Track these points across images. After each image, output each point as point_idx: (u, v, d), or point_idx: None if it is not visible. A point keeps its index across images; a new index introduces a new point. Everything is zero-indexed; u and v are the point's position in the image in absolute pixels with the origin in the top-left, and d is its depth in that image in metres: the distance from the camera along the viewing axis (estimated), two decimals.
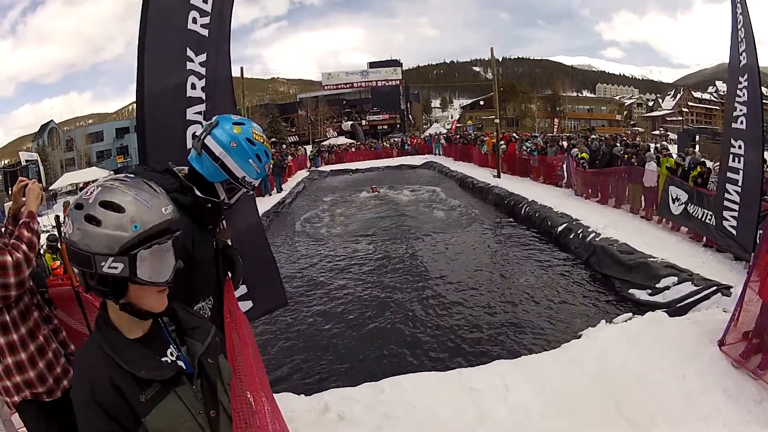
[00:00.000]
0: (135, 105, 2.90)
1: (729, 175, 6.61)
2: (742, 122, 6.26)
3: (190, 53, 3.00)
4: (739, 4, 6.09)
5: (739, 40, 6.10)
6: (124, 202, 1.19)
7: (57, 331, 2.47)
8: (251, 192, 2.20)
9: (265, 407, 2.03)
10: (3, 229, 2.40)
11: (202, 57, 3.08)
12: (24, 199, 2.41)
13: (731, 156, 6.48)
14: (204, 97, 3.08)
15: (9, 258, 2.12)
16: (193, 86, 3.01)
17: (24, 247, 2.20)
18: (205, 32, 3.10)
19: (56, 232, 6.63)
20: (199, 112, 3.02)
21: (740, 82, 6.19)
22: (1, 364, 2.20)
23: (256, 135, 2.00)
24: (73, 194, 33.91)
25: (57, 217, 3.07)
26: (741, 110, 6.24)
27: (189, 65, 3.00)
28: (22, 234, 2.26)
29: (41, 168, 31.39)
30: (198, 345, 1.40)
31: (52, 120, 61.92)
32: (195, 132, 2.79)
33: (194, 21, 3.03)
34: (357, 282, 9.38)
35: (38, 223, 2.41)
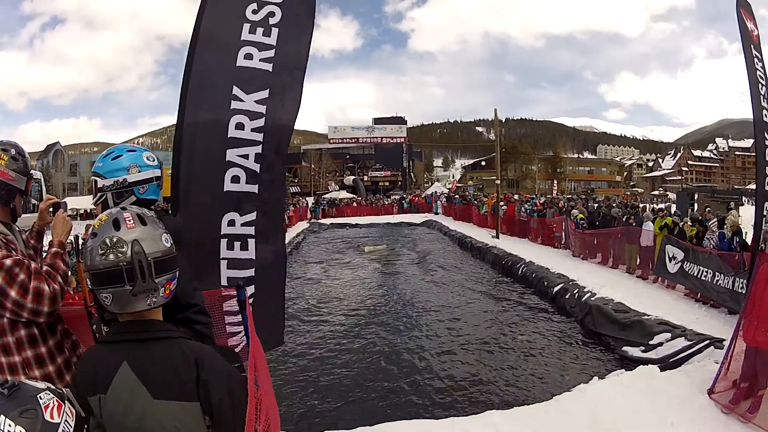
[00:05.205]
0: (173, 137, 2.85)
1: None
2: None
3: (237, 92, 2.86)
4: (756, 59, 5.96)
5: (762, 94, 5.90)
6: None
7: (76, 346, 2.39)
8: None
9: None
10: (25, 243, 2.33)
11: (260, 94, 2.91)
12: (50, 218, 2.36)
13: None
14: (260, 139, 2.90)
15: (46, 287, 2.03)
16: (240, 126, 2.86)
17: (60, 279, 2.12)
18: (266, 67, 2.93)
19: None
20: (244, 155, 2.86)
21: (767, 138, 5.94)
22: (26, 378, 2.04)
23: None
24: (72, 219, 33.56)
25: (77, 237, 3.09)
26: None
27: (235, 104, 2.86)
28: (58, 265, 2.17)
29: (44, 188, 31.30)
30: None
31: (58, 142, 64.40)
32: (235, 175, 2.81)
33: (248, 57, 2.89)
34: (349, 329, 9.38)
35: (68, 255, 2.33)
